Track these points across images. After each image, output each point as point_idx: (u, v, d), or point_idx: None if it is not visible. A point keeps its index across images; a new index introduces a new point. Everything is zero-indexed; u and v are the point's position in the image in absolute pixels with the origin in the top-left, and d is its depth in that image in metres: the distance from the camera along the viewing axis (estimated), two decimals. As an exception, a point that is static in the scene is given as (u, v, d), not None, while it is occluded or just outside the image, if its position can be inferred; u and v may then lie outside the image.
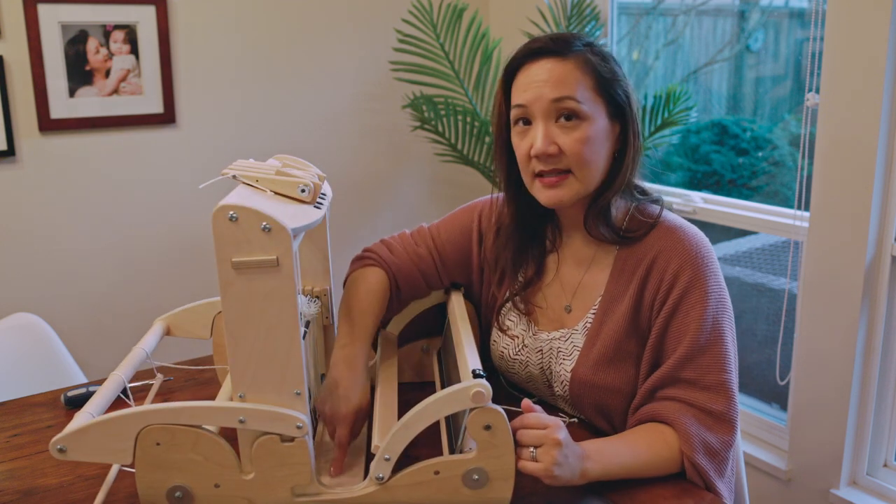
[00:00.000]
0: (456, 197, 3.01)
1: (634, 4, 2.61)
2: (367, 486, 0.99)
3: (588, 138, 1.11)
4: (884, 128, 1.76)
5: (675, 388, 1.12)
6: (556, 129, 1.12)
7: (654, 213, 1.19)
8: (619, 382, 1.16)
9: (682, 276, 1.12)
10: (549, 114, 1.12)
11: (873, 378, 1.90)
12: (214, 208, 0.88)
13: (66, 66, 2.24)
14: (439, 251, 1.32)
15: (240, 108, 2.55)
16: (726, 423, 1.10)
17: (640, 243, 1.17)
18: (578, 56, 1.13)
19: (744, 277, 2.50)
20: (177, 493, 0.97)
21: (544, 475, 0.97)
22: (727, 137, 2.52)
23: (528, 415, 1.01)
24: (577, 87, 1.11)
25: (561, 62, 1.12)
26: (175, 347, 1.63)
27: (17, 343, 1.92)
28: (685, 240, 1.15)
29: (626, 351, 1.16)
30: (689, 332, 1.11)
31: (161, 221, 2.48)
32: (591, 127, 1.12)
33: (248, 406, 0.94)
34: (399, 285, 1.29)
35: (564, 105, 1.11)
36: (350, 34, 2.70)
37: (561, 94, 1.10)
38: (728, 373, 1.11)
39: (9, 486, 1.09)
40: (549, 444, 0.97)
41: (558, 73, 1.11)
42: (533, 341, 1.25)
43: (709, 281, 1.12)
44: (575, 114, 1.11)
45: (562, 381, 1.21)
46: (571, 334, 1.21)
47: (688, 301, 1.12)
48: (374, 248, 1.32)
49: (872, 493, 1.96)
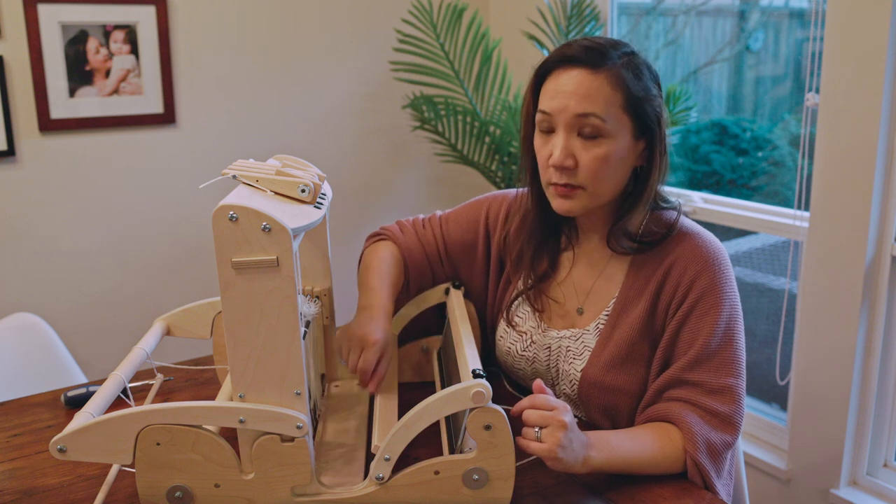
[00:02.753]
0: (456, 197, 3.01)
1: (634, 4, 2.61)
2: (367, 486, 0.99)
3: (607, 156, 1.10)
4: (884, 128, 1.76)
5: (682, 389, 1.12)
6: (577, 142, 1.10)
7: (671, 219, 1.19)
8: (629, 384, 1.16)
9: (699, 281, 1.13)
10: (572, 127, 1.10)
11: (873, 378, 1.90)
12: (214, 208, 0.88)
13: (66, 66, 2.24)
14: (445, 239, 1.35)
15: (240, 108, 2.55)
16: (730, 425, 1.11)
17: (656, 249, 1.17)
18: (611, 71, 1.09)
19: (744, 277, 2.50)
20: (177, 493, 0.97)
21: (547, 456, 0.97)
22: (727, 137, 2.52)
23: (538, 395, 1.00)
24: (604, 104, 1.08)
25: (592, 75, 1.09)
26: (175, 347, 1.64)
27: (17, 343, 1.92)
28: (702, 246, 1.15)
29: (639, 353, 1.16)
30: (702, 335, 1.11)
31: (161, 221, 2.48)
32: (612, 145, 1.10)
33: (248, 406, 0.94)
34: (407, 264, 1.33)
35: (588, 122, 1.09)
36: (350, 34, 2.70)
37: (586, 110, 1.08)
38: (736, 377, 1.12)
39: (9, 486, 1.09)
40: (554, 425, 0.97)
41: (587, 87, 1.08)
42: (542, 338, 1.26)
43: (724, 288, 1.13)
44: (598, 132, 1.09)
45: (571, 381, 1.21)
46: (583, 335, 1.21)
47: (702, 306, 1.12)
48: (388, 227, 1.38)
49: (872, 493, 1.96)
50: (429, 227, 1.37)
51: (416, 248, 1.34)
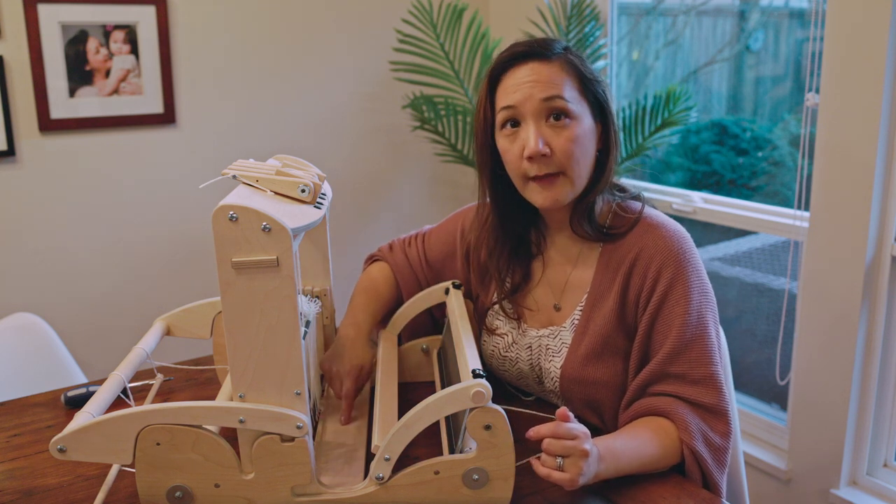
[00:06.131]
0: (456, 197, 3.01)
1: (634, 4, 2.61)
2: (367, 486, 0.99)
3: (577, 137, 1.14)
4: (884, 128, 1.76)
5: (664, 383, 1.13)
6: (547, 129, 1.14)
7: (636, 209, 1.21)
8: (608, 377, 1.17)
9: (665, 272, 1.14)
10: (539, 114, 1.13)
11: (873, 378, 1.90)
12: (215, 208, 0.88)
13: (66, 66, 2.24)
14: (426, 254, 1.41)
15: (240, 108, 2.55)
16: (720, 414, 1.12)
17: (622, 240, 1.19)
18: (561, 57, 1.16)
19: (744, 277, 2.50)
20: (177, 493, 0.97)
21: (569, 485, 0.98)
22: (727, 137, 2.52)
23: (561, 424, 1.00)
24: (564, 86, 1.14)
25: (546, 63, 1.15)
26: (175, 347, 1.64)
27: (17, 343, 1.92)
28: (666, 236, 1.16)
29: (614, 346, 1.17)
30: (675, 327, 1.13)
31: (161, 221, 2.48)
32: (579, 126, 1.14)
33: (248, 406, 0.94)
34: (398, 282, 1.41)
35: (554, 104, 1.13)
36: (350, 34, 2.70)
37: (550, 93, 1.13)
38: (714, 365, 1.13)
39: (9, 486, 1.09)
40: (577, 455, 0.98)
41: (546, 73, 1.14)
42: (522, 338, 1.27)
43: (690, 276, 1.14)
44: (564, 112, 1.13)
45: (552, 378, 1.23)
46: (560, 331, 1.23)
47: (672, 297, 1.13)
48: (382, 247, 1.49)
49: (872, 493, 1.96)
50: (414, 244, 1.44)
51: (404, 266, 1.41)
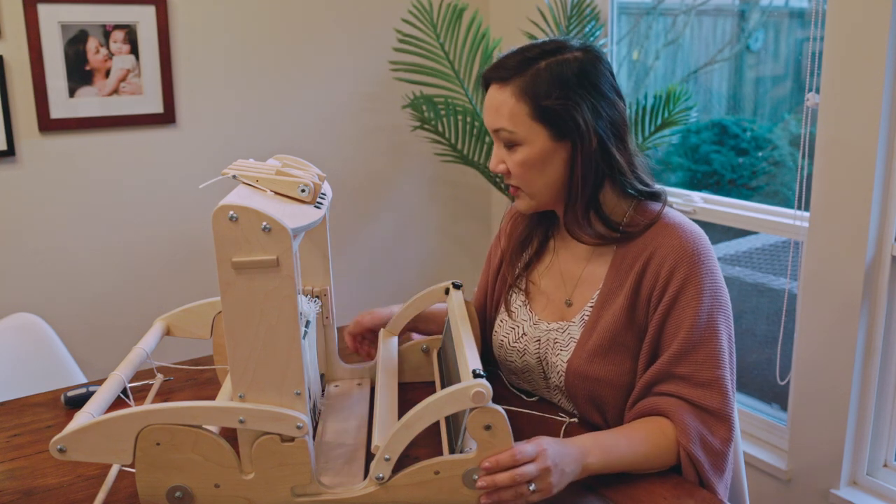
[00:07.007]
0: (456, 197, 3.01)
1: (634, 4, 2.61)
2: (367, 486, 0.99)
3: (525, 161, 1.17)
4: (884, 128, 1.76)
5: (669, 383, 1.13)
6: (503, 151, 1.19)
7: (656, 209, 1.21)
8: (613, 375, 1.17)
9: (678, 273, 1.13)
10: (497, 138, 1.19)
11: (873, 378, 1.90)
12: (214, 208, 0.88)
13: (66, 66, 2.24)
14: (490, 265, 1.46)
15: (240, 108, 2.55)
16: (722, 420, 1.11)
17: (638, 239, 1.19)
18: (515, 84, 1.14)
19: (744, 277, 2.50)
20: (177, 493, 0.97)
21: (549, 496, 0.99)
22: (727, 137, 2.52)
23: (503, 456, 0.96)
24: (510, 116, 1.15)
25: (500, 90, 1.16)
26: (175, 347, 1.64)
27: (17, 343, 1.92)
28: (682, 237, 1.16)
29: (622, 344, 1.17)
30: (684, 327, 1.12)
31: (161, 221, 2.48)
32: (527, 151, 1.16)
33: (248, 406, 0.94)
34: None
35: (500, 135, 1.18)
36: (350, 34, 2.70)
37: (494, 125, 1.17)
38: (722, 369, 1.12)
39: (9, 486, 1.09)
40: (542, 474, 0.97)
41: (497, 102, 1.16)
42: (533, 330, 1.28)
43: (704, 278, 1.13)
44: (511, 141, 1.17)
45: (558, 372, 1.23)
46: (569, 327, 1.23)
47: (683, 298, 1.13)
48: None
49: (872, 493, 1.96)
50: None
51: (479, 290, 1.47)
